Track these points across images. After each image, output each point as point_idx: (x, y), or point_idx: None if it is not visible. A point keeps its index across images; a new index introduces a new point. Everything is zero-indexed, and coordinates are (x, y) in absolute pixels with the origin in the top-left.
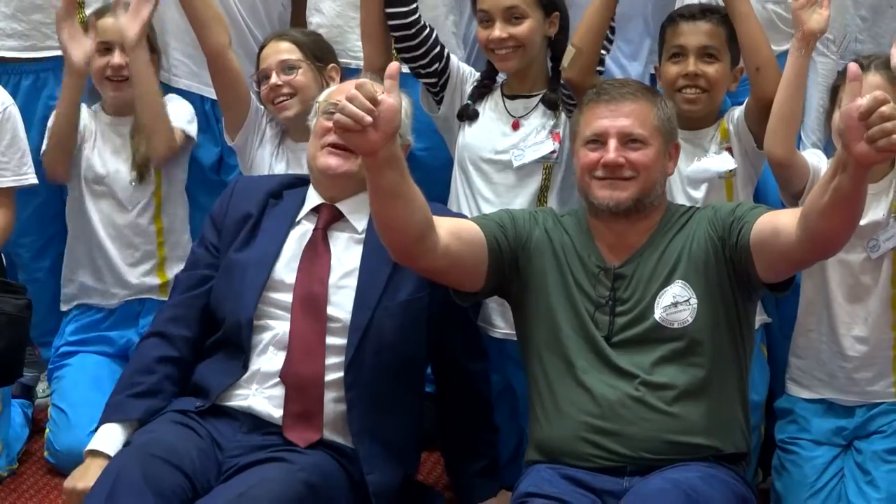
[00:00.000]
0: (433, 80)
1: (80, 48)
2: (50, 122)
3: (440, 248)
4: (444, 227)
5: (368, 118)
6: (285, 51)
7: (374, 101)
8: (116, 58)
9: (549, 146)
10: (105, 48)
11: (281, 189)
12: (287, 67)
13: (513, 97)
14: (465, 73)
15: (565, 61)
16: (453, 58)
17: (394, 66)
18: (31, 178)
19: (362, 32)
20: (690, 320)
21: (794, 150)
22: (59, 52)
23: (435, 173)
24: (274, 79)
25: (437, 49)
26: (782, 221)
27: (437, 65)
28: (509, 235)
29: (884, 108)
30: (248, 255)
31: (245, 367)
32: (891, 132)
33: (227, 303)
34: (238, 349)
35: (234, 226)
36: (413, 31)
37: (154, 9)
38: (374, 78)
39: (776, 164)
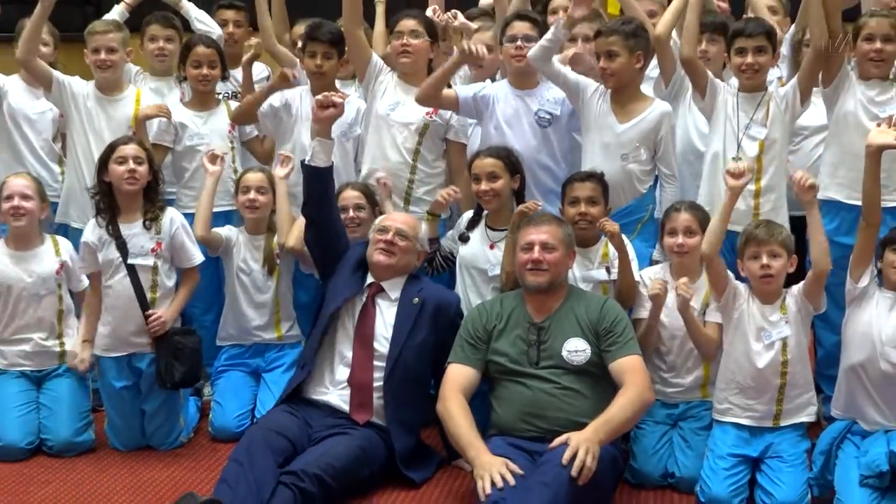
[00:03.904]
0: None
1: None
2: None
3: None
4: (456, 388)
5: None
6: (357, 197)
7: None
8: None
9: None
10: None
11: (360, 268)
12: (358, 207)
13: (493, 229)
14: (462, 222)
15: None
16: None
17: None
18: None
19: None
20: (584, 360)
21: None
22: None
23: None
24: (351, 213)
25: None
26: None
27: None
28: (482, 338)
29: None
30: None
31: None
32: None
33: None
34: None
35: (342, 271)
36: None
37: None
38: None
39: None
